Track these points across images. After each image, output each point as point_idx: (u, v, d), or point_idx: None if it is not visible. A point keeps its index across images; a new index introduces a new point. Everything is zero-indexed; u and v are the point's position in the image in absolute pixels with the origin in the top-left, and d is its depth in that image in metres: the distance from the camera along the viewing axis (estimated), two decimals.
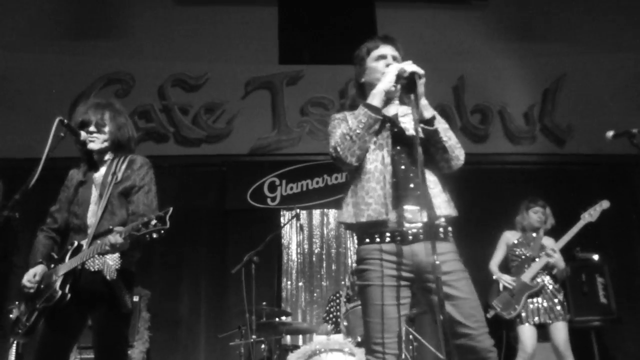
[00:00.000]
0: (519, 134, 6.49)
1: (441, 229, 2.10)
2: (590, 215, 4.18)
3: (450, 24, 6.71)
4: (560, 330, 3.98)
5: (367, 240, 2.09)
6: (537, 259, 4.16)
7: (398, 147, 2.16)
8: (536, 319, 4.00)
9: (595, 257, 5.34)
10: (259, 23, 6.64)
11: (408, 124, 2.22)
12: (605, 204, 4.20)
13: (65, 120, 2.46)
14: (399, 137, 2.18)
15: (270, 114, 6.40)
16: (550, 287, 4.11)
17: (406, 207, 2.06)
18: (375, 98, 2.13)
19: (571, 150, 6.44)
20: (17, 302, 2.57)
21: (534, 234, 4.31)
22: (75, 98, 6.10)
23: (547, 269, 4.16)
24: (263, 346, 4.41)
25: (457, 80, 6.54)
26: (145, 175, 2.61)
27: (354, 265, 5.82)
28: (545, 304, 4.04)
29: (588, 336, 5.07)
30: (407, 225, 2.04)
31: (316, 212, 6.20)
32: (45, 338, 2.42)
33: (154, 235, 2.20)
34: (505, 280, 4.12)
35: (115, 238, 2.24)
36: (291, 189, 6.08)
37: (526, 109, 6.56)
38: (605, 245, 5.73)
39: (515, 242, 4.34)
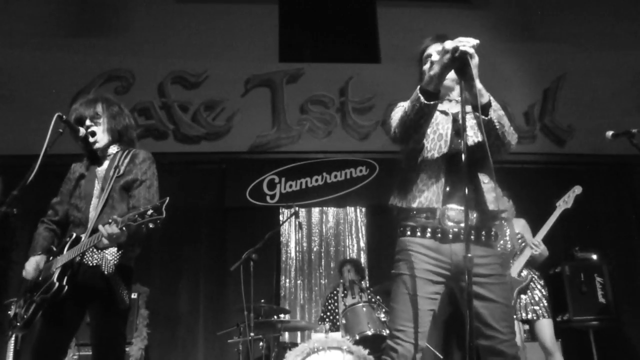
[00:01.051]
0: (519, 134, 6.40)
1: (484, 232, 2.12)
2: (565, 203, 4.19)
3: (450, 22, 6.69)
4: (546, 328, 3.99)
5: (409, 232, 2.13)
6: (518, 252, 4.16)
7: (459, 141, 2.09)
8: (523, 314, 4.01)
9: (594, 256, 5.34)
10: (260, 20, 6.63)
11: (469, 131, 2.16)
12: (577, 190, 4.21)
13: (64, 116, 2.45)
14: (459, 135, 2.12)
15: (270, 112, 6.39)
16: (537, 282, 4.12)
17: (451, 205, 2.08)
18: (432, 82, 1.96)
19: (571, 150, 6.43)
20: (15, 298, 2.57)
21: (508, 228, 4.29)
22: (74, 95, 6.10)
23: (530, 263, 4.16)
24: (261, 344, 4.41)
25: None
26: (147, 170, 2.60)
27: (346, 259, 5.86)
28: (532, 300, 4.05)
29: (586, 336, 5.07)
30: (449, 224, 2.07)
31: (315, 210, 6.20)
32: (43, 333, 2.42)
33: (151, 226, 2.18)
34: None
35: (112, 228, 2.22)
36: (290, 186, 6.08)
37: (526, 108, 6.56)
38: (604, 245, 5.73)
39: None
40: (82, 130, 2.57)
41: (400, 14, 6.76)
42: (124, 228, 2.23)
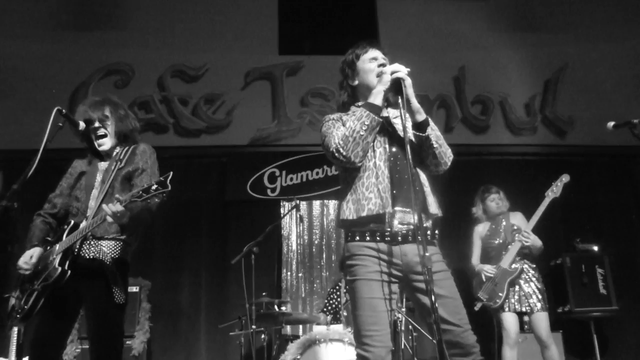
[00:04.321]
0: (519, 125, 6.46)
1: (429, 232, 2.19)
2: (553, 192, 4.23)
3: (451, 14, 6.66)
4: (541, 321, 4.00)
5: (357, 237, 2.16)
6: (512, 244, 4.18)
7: (394, 148, 2.23)
8: (517, 306, 4.04)
9: (595, 248, 5.35)
10: (259, 13, 6.60)
11: (400, 126, 2.26)
12: (565, 178, 4.27)
13: (64, 110, 2.46)
14: (394, 138, 2.25)
15: (270, 105, 6.38)
16: (530, 272, 4.14)
17: (397, 208, 2.13)
18: (378, 97, 2.18)
19: (572, 141, 6.41)
20: (13, 291, 2.57)
21: (503, 221, 4.33)
22: (74, 89, 6.10)
23: (523, 253, 4.17)
24: (263, 336, 4.43)
25: (458, 70, 6.51)
26: (148, 159, 2.64)
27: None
28: (525, 291, 4.06)
29: (587, 327, 5.10)
30: (398, 226, 2.12)
31: (316, 203, 6.19)
32: (42, 326, 2.43)
33: (156, 200, 2.19)
34: (486, 270, 4.17)
35: (116, 206, 2.22)
36: (291, 179, 6.08)
37: (527, 99, 6.53)
38: (606, 236, 5.73)
39: (488, 233, 4.38)
40: (81, 124, 2.58)
41: (400, 6, 6.72)
42: (127, 205, 2.22)
